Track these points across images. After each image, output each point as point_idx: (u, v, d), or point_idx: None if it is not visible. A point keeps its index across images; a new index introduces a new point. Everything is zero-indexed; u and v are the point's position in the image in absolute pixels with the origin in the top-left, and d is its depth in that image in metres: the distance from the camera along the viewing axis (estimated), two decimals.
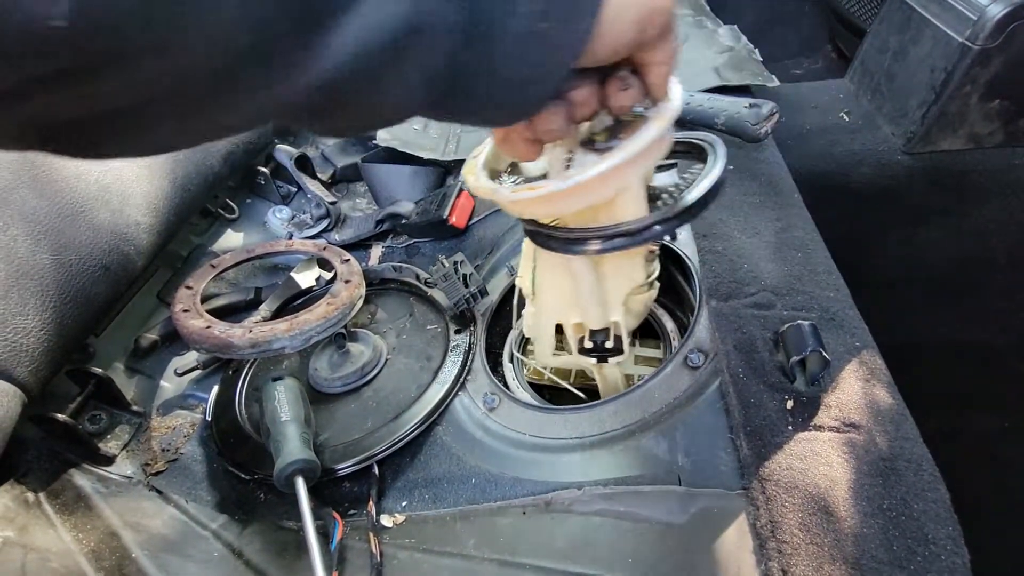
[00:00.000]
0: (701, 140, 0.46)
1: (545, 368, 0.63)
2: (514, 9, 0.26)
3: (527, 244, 0.52)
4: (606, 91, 0.34)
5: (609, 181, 0.37)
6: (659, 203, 0.42)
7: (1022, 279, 0.95)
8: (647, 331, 0.67)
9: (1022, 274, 0.95)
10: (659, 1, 0.29)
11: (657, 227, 0.40)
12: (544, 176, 0.44)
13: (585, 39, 0.28)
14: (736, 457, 0.46)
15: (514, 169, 0.47)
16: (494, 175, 0.45)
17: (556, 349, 0.56)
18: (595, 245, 0.41)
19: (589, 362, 0.54)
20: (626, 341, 0.52)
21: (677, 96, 0.36)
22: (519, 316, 0.62)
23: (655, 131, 0.35)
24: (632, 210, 0.41)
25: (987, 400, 0.95)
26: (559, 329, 0.54)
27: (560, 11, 0.27)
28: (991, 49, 0.82)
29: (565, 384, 0.63)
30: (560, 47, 0.28)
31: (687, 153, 0.47)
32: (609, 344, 0.51)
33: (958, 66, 0.85)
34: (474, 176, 0.43)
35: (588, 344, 0.52)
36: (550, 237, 0.43)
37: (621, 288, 0.49)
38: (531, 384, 0.63)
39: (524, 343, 0.66)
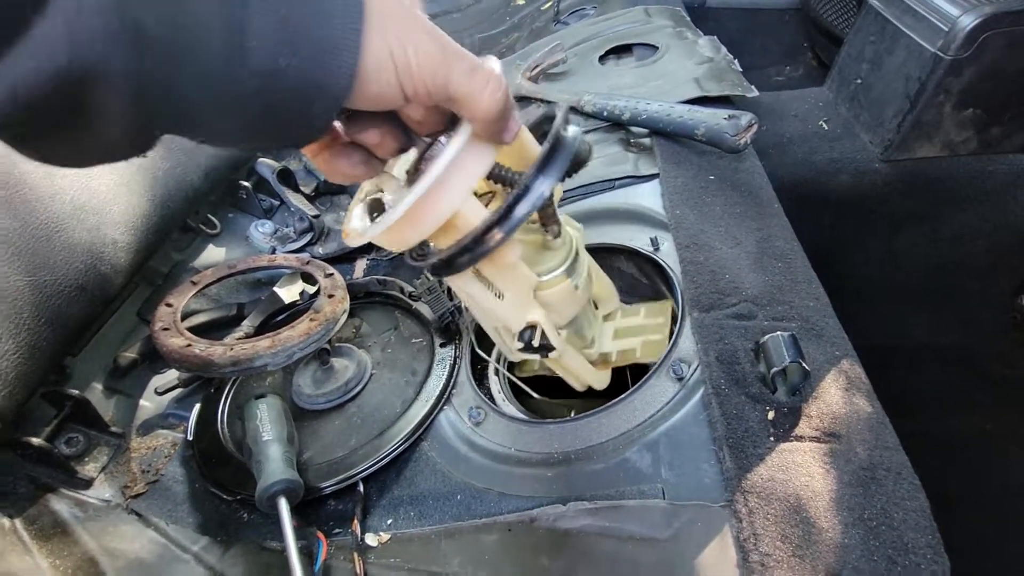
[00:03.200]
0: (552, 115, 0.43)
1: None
2: (243, 42, 0.23)
3: None
4: (405, 115, 0.33)
5: (422, 213, 0.34)
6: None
7: (998, 283, 0.97)
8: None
9: (997, 278, 0.97)
10: (422, 67, 0.28)
11: (463, 253, 0.36)
12: None
13: (345, 84, 0.26)
14: (719, 469, 0.46)
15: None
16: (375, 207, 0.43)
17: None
18: (448, 267, 0.38)
19: (536, 358, 0.51)
20: (554, 337, 0.49)
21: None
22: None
23: (449, 155, 0.33)
24: (474, 221, 0.37)
25: (966, 403, 0.96)
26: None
27: (304, 51, 0.25)
28: (963, 59, 0.84)
29: (526, 386, 0.62)
30: (315, 89, 0.26)
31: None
32: (536, 343, 0.48)
33: (931, 76, 0.87)
34: (346, 221, 0.41)
35: (519, 344, 0.49)
36: (422, 265, 0.41)
37: (519, 289, 0.46)
38: (529, 381, 0.63)
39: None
